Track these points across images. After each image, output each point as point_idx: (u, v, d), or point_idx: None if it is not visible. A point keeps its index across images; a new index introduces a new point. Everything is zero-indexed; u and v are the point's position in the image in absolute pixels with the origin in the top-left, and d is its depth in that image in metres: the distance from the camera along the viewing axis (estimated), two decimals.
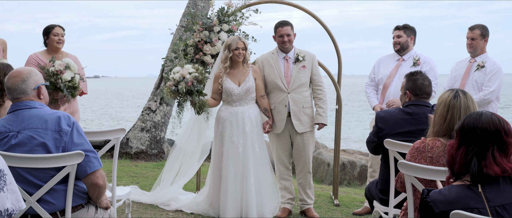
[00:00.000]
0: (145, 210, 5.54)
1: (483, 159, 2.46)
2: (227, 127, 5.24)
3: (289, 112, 5.44)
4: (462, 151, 2.52)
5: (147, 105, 9.08)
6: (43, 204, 3.08)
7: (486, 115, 2.53)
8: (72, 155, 3.04)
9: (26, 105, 3.14)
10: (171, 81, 5.24)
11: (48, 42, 5.76)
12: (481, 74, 5.51)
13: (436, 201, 2.45)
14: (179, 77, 5.18)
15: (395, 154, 3.89)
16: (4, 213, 2.48)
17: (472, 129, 2.52)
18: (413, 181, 3.13)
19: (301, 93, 5.45)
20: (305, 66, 5.48)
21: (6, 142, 3.07)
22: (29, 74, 3.17)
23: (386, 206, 4.03)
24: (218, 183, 5.29)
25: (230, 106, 5.31)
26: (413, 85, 4.05)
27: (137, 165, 8.15)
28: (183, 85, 5.16)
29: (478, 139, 2.50)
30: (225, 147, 5.23)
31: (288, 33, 5.44)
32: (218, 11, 5.81)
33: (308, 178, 5.59)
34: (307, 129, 5.48)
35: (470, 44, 5.59)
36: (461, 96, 3.10)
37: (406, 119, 4.03)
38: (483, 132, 2.49)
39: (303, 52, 5.51)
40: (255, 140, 5.27)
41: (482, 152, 2.48)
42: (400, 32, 5.77)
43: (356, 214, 5.70)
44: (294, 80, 5.43)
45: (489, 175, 2.43)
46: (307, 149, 5.52)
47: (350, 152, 9.41)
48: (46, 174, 3.07)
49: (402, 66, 5.74)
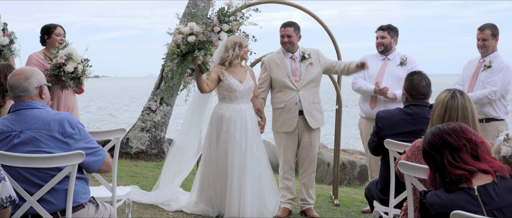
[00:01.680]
0: (145, 210, 5.54)
1: (445, 170, 2.51)
2: (232, 125, 5.23)
3: (301, 110, 5.45)
4: (430, 173, 2.60)
5: (147, 105, 9.08)
6: (44, 204, 3.08)
7: (428, 134, 2.61)
8: (72, 155, 3.05)
9: (29, 105, 3.14)
10: (180, 35, 5.08)
11: (48, 42, 5.75)
12: (488, 74, 5.51)
13: (432, 203, 2.45)
14: (189, 30, 5.07)
15: (395, 154, 3.89)
16: (6, 200, 2.57)
17: (424, 151, 2.61)
18: (413, 181, 3.13)
19: (311, 90, 5.49)
20: (312, 63, 5.52)
21: (8, 142, 3.08)
22: (32, 72, 3.19)
23: (386, 206, 4.03)
24: (220, 182, 5.27)
25: (232, 103, 5.28)
26: (409, 86, 4.05)
27: (137, 165, 8.16)
28: (194, 38, 5.04)
29: (431, 156, 2.57)
30: (230, 145, 5.22)
31: (289, 35, 5.47)
32: (218, 11, 5.81)
33: (312, 178, 5.61)
34: (319, 124, 5.55)
35: (482, 45, 5.59)
36: (458, 96, 3.11)
37: (406, 119, 4.04)
38: (431, 148, 2.56)
39: (308, 50, 5.56)
40: (254, 139, 5.28)
41: (441, 165, 2.53)
42: (384, 33, 5.78)
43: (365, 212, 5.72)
44: (303, 77, 5.47)
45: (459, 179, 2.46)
46: (313, 147, 5.56)
47: (350, 152, 9.42)
48: (46, 174, 3.08)
49: (389, 65, 5.76)
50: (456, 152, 2.52)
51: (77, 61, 5.41)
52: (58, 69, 5.38)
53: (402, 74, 5.68)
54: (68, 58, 5.38)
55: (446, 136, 2.54)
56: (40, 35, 5.80)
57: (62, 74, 5.37)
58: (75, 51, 5.44)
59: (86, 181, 3.31)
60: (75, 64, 5.39)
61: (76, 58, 5.41)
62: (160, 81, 9.05)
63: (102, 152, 3.25)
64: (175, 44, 5.10)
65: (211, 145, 5.32)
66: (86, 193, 3.27)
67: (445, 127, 2.58)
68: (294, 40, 5.49)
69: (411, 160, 3.25)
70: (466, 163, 2.49)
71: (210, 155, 5.33)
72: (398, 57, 5.78)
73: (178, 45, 5.09)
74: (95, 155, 3.20)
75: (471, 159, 2.51)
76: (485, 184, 2.46)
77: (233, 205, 5.16)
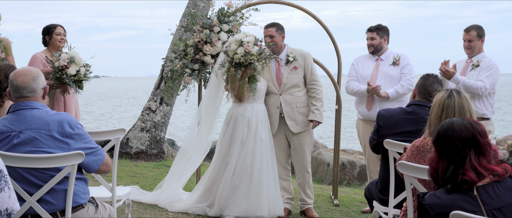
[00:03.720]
0: (145, 210, 5.54)
1: (461, 166, 2.47)
2: (239, 125, 5.26)
3: (281, 113, 5.43)
4: (443, 163, 2.54)
5: (147, 105, 9.08)
6: (43, 204, 3.09)
7: (458, 123, 2.54)
8: (72, 155, 3.05)
9: (28, 106, 3.15)
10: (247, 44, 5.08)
11: (50, 42, 5.76)
12: (476, 73, 5.50)
13: (431, 204, 2.45)
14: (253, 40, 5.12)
15: (394, 154, 3.89)
16: (4, 212, 2.49)
17: (448, 139, 2.53)
18: (413, 181, 3.14)
19: (293, 94, 5.43)
20: (296, 67, 5.43)
21: (8, 142, 3.08)
22: (37, 73, 3.21)
23: (386, 206, 4.04)
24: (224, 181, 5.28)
25: (249, 103, 5.32)
26: (422, 84, 4.08)
27: (137, 165, 8.16)
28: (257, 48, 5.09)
29: (455, 148, 2.51)
30: (238, 145, 5.23)
31: (271, 35, 5.38)
32: (218, 11, 5.81)
33: (307, 178, 5.57)
34: (303, 128, 5.46)
35: (468, 46, 5.59)
36: (455, 96, 3.11)
37: (406, 119, 4.04)
38: (460, 140, 2.50)
39: (294, 52, 5.46)
40: (263, 138, 5.28)
41: (460, 160, 2.49)
42: (373, 34, 5.79)
43: (364, 212, 5.72)
44: (286, 81, 5.41)
45: (466, 181, 2.44)
46: (303, 149, 5.50)
47: (349, 152, 9.41)
48: (46, 174, 3.08)
49: (382, 65, 5.77)
50: (480, 154, 2.50)
51: (79, 64, 5.40)
52: (60, 72, 5.36)
53: (396, 73, 5.70)
54: (71, 61, 5.36)
55: (477, 135, 2.51)
56: (42, 36, 5.81)
57: (64, 77, 5.35)
58: (78, 54, 5.44)
59: (85, 181, 3.31)
60: (77, 67, 5.38)
61: (79, 61, 5.40)
62: (160, 81, 9.05)
63: (101, 152, 3.26)
64: (241, 52, 5.08)
65: (224, 144, 5.34)
66: (86, 193, 3.27)
67: (476, 126, 2.54)
68: (277, 40, 5.41)
69: (411, 160, 3.25)
70: (483, 167, 2.47)
71: (219, 154, 5.35)
72: (390, 56, 5.79)
73: (247, 53, 5.08)
74: (94, 155, 3.21)
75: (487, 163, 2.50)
76: (484, 184, 2.46)
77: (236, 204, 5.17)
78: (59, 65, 5.34)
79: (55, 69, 5.37)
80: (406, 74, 5.71)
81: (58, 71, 5.36)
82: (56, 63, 5.36)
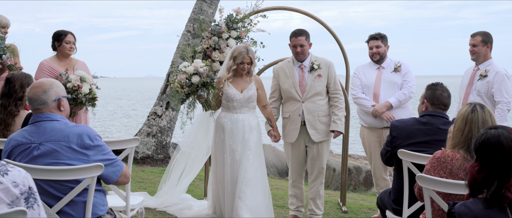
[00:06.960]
0: (154, 216, 5.55)
1: (507, 181, 2.45)
2: (227, 134, 5.17)
3: (303, 121, 5.39)
4: (485, 174, 2.50)
5: (153, 110, 9.08)
6: (63, 216, 3.10)
7: (504, 136, 2.51)
8: (92, 167, 3.06)
9: (48, 117, 3.16)
10: (183, 75, 5.10)
11: (59, 48, 5.74)
12: (484, 83, 5.47)
13: (462, 214, 2.46)
14: (193, 70, 5.08)
15: (408, 164, 3.90)
16: None
17: (494, 151, 2.49)
18: (432, 194, 3.15)
19: (316, 102, 5.37)
20: (320, 74, 5.39)
21: (28, 154, 3.09)
22: (51, 85, 3.20)
23: (399, 216, 4.04)
24: (220, 189, 5.27)
25: (230, 113, 5.21)
26: (432, 95, 4.06)
27: (144, 170, 8.16)
28: (198, 79, 5.06)
29: (500, 161, 2.48)
30: (226, 154, 5.17)
31: (302, 44, 5.36)
32: (227, 17, 5.83)
33: (320, 189, 5.51)
34: (324, 138, 5.41)
35: (472, 51, 5.57)
36: (479, 110, 3.13)
37: (420, 129, 4.04)
38: (506, 154, 2.48)
39: (319, 60, 5.43)
40: (250, 148, 5.16)
41: (505, 174, 2.46)
42: (378, 42, 5.81)
43: None
44: (309, 89, 5.37)
45: (505, 197, 2.44)
46: (321, 158, 5.45)
47: (355, 157, 9.43)
48: (65, 186, 3.09)
49: (384, 73, 5.80)
50: None
51: (90, 82, 5.39)
52: (75, 92, 5.33)
53: (398, 80, 5.74)
54: (82, 81, 5.34)
55: None
56: (51, 41, 5.79)
57: (80, 96, 5.32)
58: (84, 73, 5.42)
59: (104, 193, 3.32)
60: (89, 85, 5.37)
61: (89, 80, 5.39)
62: (166, 86, 9.05)
63: (119, 163, 3.27)
64: (179, 84, 5.14)
65: (216, 153, 5.30)
66: (104, 205, 3.28)
67: None
68: (306, 49, 5.41)
69: (431, 172, 3.26)
70: None
71: (216, 163, 5.32)
72: (391, 64, 5.82)
73: (182, 85, 5.12)
74: (113, 166, 3.22)
75: None
76: None
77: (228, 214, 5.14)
78: (72, 86, 5.30)
79: (69, 91, 5.32)
80: (408, 81, 5.75)
81: (73, 92, 5.32)
82: (69, 85, 5.28)
